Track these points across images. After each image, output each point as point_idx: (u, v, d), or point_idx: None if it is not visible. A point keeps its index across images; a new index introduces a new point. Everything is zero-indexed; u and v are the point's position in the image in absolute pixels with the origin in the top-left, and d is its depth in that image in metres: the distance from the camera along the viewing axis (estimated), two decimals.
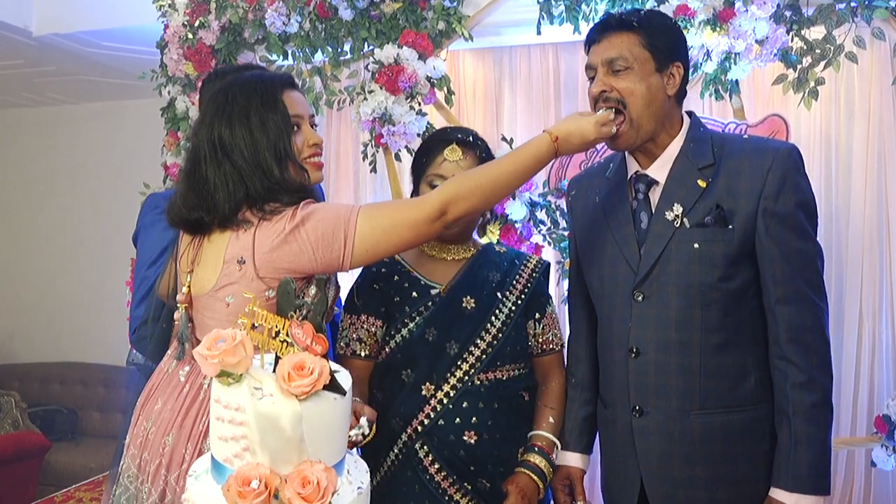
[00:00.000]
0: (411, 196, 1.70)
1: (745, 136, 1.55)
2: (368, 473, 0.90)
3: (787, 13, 2.35)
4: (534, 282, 1.67)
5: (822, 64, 2.36)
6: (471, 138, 1.64)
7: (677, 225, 1.43)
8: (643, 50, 1.42)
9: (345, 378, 0.87)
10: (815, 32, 2.36)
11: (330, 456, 0.82)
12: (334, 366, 0.85)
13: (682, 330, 1.42)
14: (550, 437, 1.61)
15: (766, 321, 1.43)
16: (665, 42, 1.45)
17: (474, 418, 1.56)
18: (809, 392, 1.38)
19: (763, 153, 1.41)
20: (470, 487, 1.55)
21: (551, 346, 1.69)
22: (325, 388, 0.81)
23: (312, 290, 1.26)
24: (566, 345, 1.73)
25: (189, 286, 1.40)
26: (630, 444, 1.48)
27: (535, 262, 1.72)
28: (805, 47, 2.37)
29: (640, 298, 1.46)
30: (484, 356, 1.57)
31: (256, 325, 0.84)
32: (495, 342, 1.59)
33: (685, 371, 1.42)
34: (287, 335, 0.82)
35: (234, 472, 0.77)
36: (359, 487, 0.85)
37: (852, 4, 2.31)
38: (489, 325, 1.60)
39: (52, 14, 3.36)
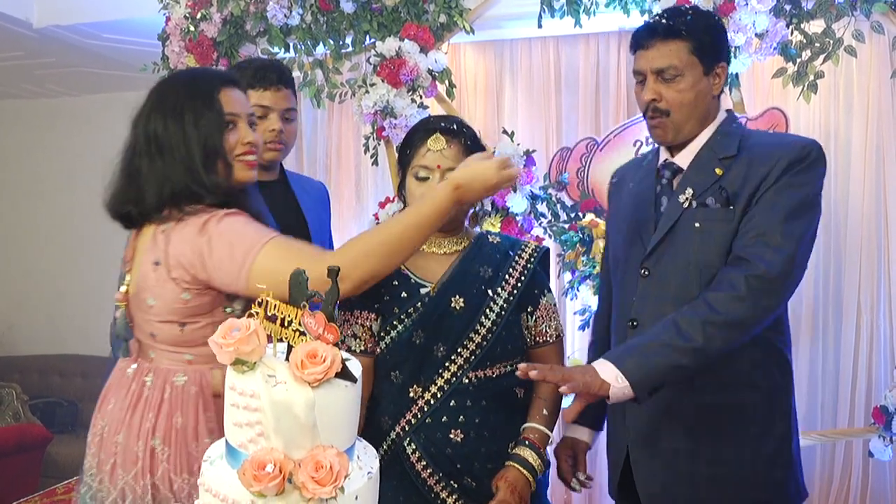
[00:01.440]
0: (398, 190, 1.69)
1: (773, 133, 1.59)
2: (378, 459, 0.92)
3: (787, 7, 2.36)
4: (528, 273, 1.62)
5: (822, 57, 2.37)
6: (454, 126, 1.59)
7: (685, 206, 1.49)
8: (692, 56, 1.46)
9: (355, 366, 0.89)
10: (815, 26, 2.38)
11: (341, 441, 0.84)
12: (345, 354, 0.87)
13: (678, 305, 1.44)
14: (543, 430, 1.57)
15: None
16: (711, 45, 1.49)
17: (461, 417, 1.54)
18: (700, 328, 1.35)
19: (780, 146, 1.47)
20: (456, 486, 1.53)
21: (546, 337, 1.64)
22: (337, 375, 0.83)
23: (238, 304, 1.36)
24: (591, 326, 1.73)
25: (128, 285, 1.42)
26: (621, 413, 1.55)
27: (530, 251, 1.65)
28: (804, 41, 2.38)
29: (645, 274, 1.53)
30: (473, 357, 1.54)
31: (270, 314, 0.86)
32: (485, 343, 1.55)
33: None
34: (299, 324, 0.84)
35: (250, 457, 0.79)
36: (369, 472, 0.87)
37: None
38: (479, 325, 1.55)
39: (53, 5, 3.35)
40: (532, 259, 1.64)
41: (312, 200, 2.06)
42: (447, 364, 1.54)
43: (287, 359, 0.85)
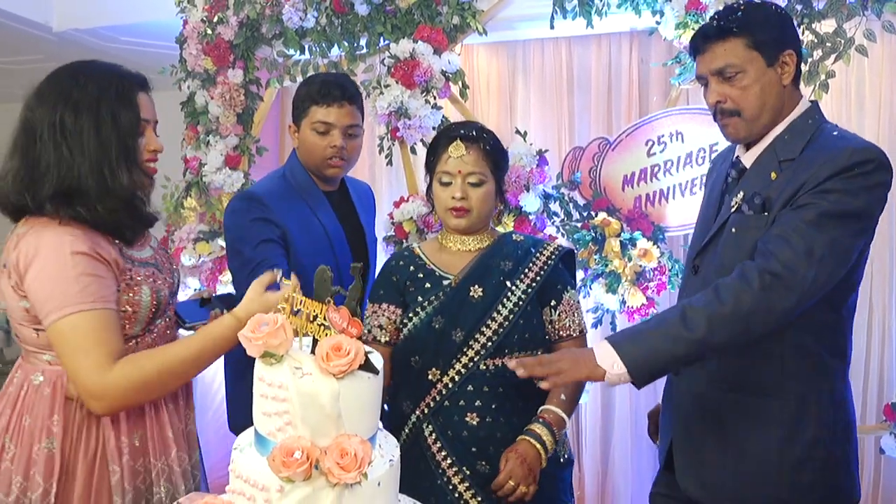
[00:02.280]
0: (427, 192, 1.77)
1: (838, 133, 1.46)
2: (398, 448, 0.96)
3: (799, 7, 2.37)
4: (548, 269, 1.68)
5: (833, 57, 2.37)
6: (474, 132, 1.67)
7: (733, 210, 1.50)
8: (750, 51, 1.44)
9: (377, 359, 0.93)
10: (826, 26, 2.38)
11: (364, 430, 0.88)
12: (367, 347, 0.91)
13: None
14: (559, 413, 1.60)
15: (807, 315, 1.39)
16: (770, 35, 1.45)
17: (478, 401, 1.61)
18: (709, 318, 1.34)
19: (832, 150, 1.39)
20: (469, 472, 1.58)
21: (569, 332, 1.70)
22: (360, 367, 0.87)
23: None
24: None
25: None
26: (669, 398, 1.66)
27: (551, 249, 1.72)
28: (816, 40, 2.38)
29: (694, 271, 1.59)
30: (489, 343, 1.61)
31: (295, 309, 0.89)
32: (501, 330, 1.62)
33: None
34: (324, 319, 0.88)
35: (278, 445, 0.83)
36: (390, 460, 0.91)
37: None
38: (496, 313, 1.63)
39: (73, 9, 3.40)
40: (553, 256, 1.70)
41: (363, 205, 2.14)
42: (465, 349, 1.61)
43: (312, 352, 0.89)
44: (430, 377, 1.63)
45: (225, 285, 2.99)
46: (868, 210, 1.38)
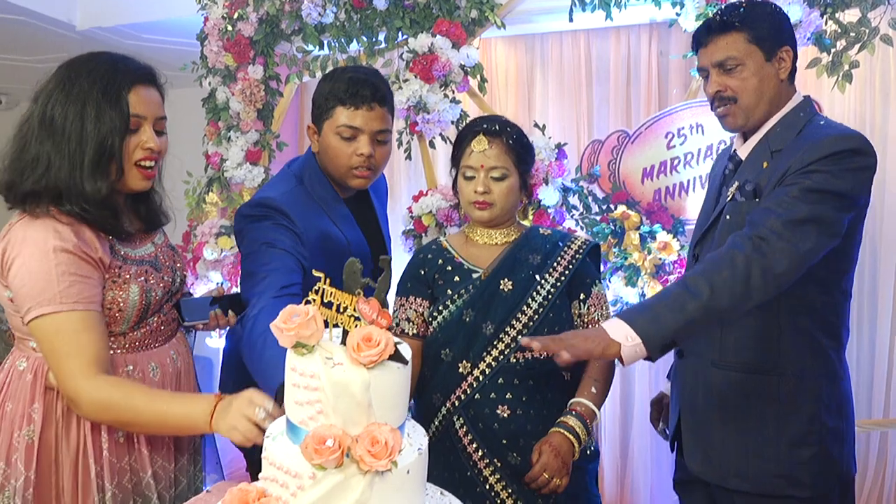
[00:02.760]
0: (453, 185, 1.77)
1: (825, 123, 1.56)
2: (426, 437, 0.97)
3: None
4: (576, 263, 1.69)
5: (857, 47, 2.35)
6: (496, 127, 1.68)
7: (728, 199, 1.58)
8: (750, 45, 1.54)
9: (406, 349, 0.94)
10: (850, 15, 2.36)
11: (394, 419, 0.90)
12: (396, 338, 0.92)
13: None
14: (590, 405, 1.62)
15: (801, 295, 1.49)
16: (769, 31, 1.55)
17: (509, 394, 1.62)
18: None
19: (817, 137, 1.48)
20: (500, 464, 1.59)
21: (597, 324, 1.67)
22: (390, 357, 0.89)
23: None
24: None
25: None
26: (675, 382, 1.74)
27: (579, 243, 1.73)
28: (839, 30, 2.36)
29: (695, 258, 1.66)
30: (520, 336, 1.62)
31: (326, 301, 0.91)
32: (531, 323, 1.63)
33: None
34: (354, 310, 0.89)
35: (311, 433, 0.85)
36: (419, 448, 0.92)
37: None
38: (525, 306, 1.64)
39: (96, 8, 3.45)
40: (581, 250, 1.72)
41: (380, 200, 1.99)
42: (495, 342, 1.63)
43: (342, 342, 0.91)
44: (460, 370, 1.64)
45: None
46: (852, 191, 1.45)
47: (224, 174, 3.04)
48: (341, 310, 0.90)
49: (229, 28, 2.97)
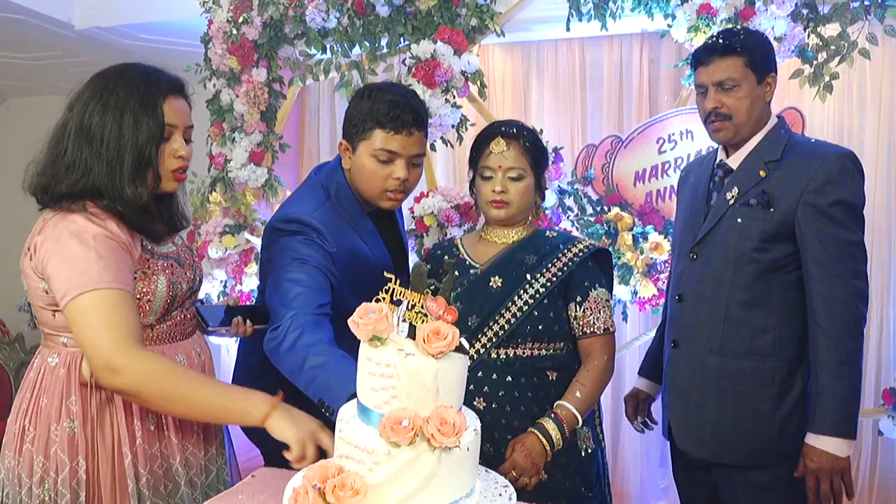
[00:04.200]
0: (469, 186, 1.86)
1: (814, 140, 1.80)
2: (478, 420, 1.08)
3: (805, 11, 2.48)
4: (573, 265, 1.72)
5: (837, 59, 2.48)
6: (514, 130, 1.76)
7: (731, 203, 1.73)
8: (746, 69, 1.71)
9: (465, 342, 1.05)
10: (830, 30, 2.49)
11: (456, 402, 1.00)
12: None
13: (715, 285, 1.73)
14: (571, 410, 1.64)
15: (797, 291, 1.69)
16: (761, 58, 1.73)
17: (486, 387, 1.69)
18: (834, 352, 1.60)
19: (817, 155, 1.68)
20: None
21: (593, 328, 1.72)
22: (455, 349, 0.99)
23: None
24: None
25: None
26: (667, 369, 1.87)
27: (580, 247, 1.76)
28: (821, 44, 2.49)
29: (693, 257, 1.80)
30: (501, 332, 1.68)
31: (395, 299, 1.01)
32: (514, 320, 1.69)
33: (711, 318, 1.74)
34: (422, 307, 0.99)
35: (387, 415, 0.95)
36: (475, 429, 1.03)
37: (866, 3, 2.43)
38: (510, 303, 1.69)
39: (95, 8, 3.46)
40: (581, 253, 1.75)
41: (398, 211, 1.96)
42: (479, 336, 1.70)
43: (408, 336, 1.01)
44: None
45: (250, 277, 3.09)
46: (863, 200, 1.69)
47: (228, 174, 3.10)
48: (410, 307, 1.00)
49: (234, 31, 3.03)
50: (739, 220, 1.72)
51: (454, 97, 2.80)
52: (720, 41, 1.74)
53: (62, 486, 1.36)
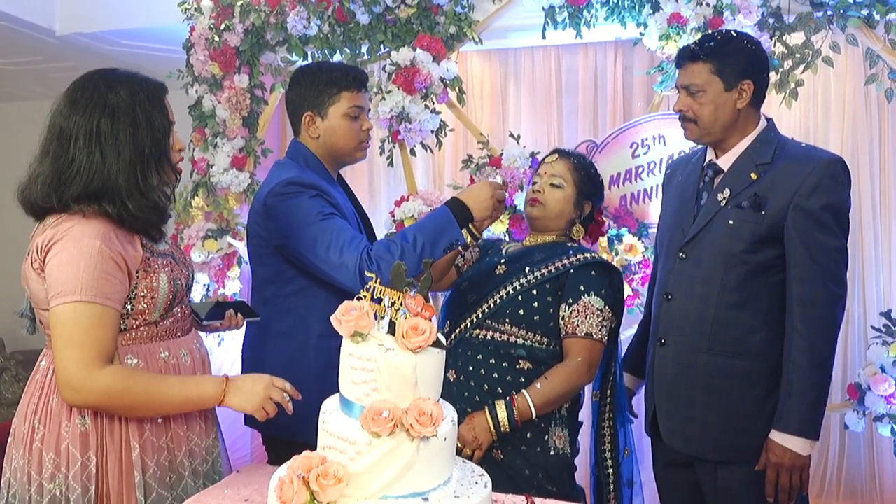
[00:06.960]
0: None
1: (804, 144, 1.85)
2: (455, 412, 1.14)
3: (771, 21, 2.58)
4: (571, 267, 1.81)
5: (802, 67, 2.59)
6: (569, 151, 2.00)
7: (722, 204, 1.76)
8: (712, 76, 1.74)
9: (442, 337, 1.10)
10: (795, 38, 2.59)
11: (434, 394, 1.06)
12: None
13: (705, 286, 1.75)
14: (527, 398, 1.72)
15: (785, 293, 1.71)
16: (733, 66, 1.74)
17: (460, 362, 1.83)
18: (808, 355, 1.65)
19: (808, 159, 1.71)
20: None
21: (576, 331, 1.77)
22: (432, 344, 1.05)
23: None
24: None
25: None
26: (652, 366, 1.88)
27: (584, 256, 1.83)
28: (786, 52, 2.59)
29: (682, 257, 1.82)
30: (487, 310, 1.83)
31: (376, 297, 1.07)
32: (499, 301, 1.82)
33: (700, 318, 1.76)
34: (401, 305, 1.05)
35: (368, 407, 1.01)
36: (452, 420, 1.09)
37: (829, 13, 2.53)
38: (503, 288, 1.84)
39: (75, 14, 3.48)
40: (581, 261, 1.83)
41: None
42: (470, 313, 1.86)
43: (388, 332, 1.07)
44: (446, 329, 1.88)
45: (233, 280, 3.13)
46: (850, 205, 1.73)
47: (210, 179, 3.13)
48: (389, 304, 1.06)
49: (216, 38, 3.07)
50: (731, 221, 1.73)
51: (433, 103, 2.87)
52: (691, 47, 1.80)
53: (73, 481, 1.39)
